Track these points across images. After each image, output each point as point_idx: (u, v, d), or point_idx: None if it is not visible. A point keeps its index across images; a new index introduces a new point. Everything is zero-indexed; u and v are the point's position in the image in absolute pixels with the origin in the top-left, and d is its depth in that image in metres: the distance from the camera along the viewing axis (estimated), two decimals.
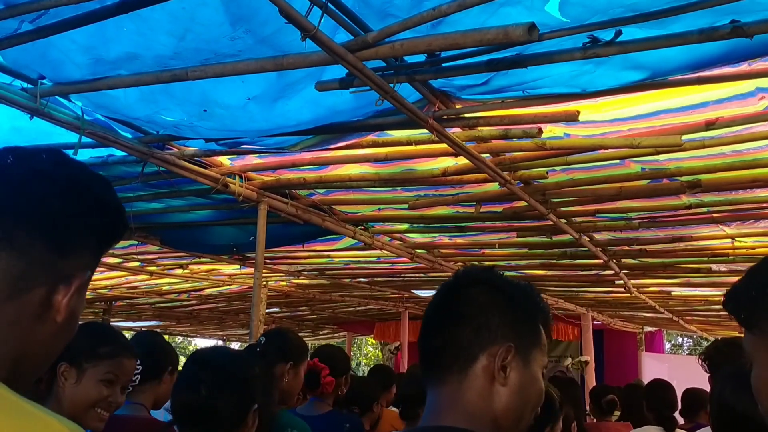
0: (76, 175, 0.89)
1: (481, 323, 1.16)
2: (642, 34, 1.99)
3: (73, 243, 0.86)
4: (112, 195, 0.93)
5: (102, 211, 0.90)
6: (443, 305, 1.23)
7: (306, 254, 5.89)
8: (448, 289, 1.25)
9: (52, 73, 2.44)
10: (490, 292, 1.20)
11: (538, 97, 2.40)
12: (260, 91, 2.40)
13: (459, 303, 1.20)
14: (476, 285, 1.22)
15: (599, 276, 6.34)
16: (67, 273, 0.85)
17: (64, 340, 0.89)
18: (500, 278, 1.24)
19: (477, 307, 1.18)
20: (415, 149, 3.04)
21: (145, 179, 3.45)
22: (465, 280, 1.24)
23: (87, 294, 0.90)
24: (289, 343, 2.71)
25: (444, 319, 1.20)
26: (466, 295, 1.20)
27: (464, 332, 1.16)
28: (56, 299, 0.84)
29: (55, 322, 0.85)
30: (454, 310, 1.20)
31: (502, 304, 1.18)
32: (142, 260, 6.18)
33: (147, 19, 2.01)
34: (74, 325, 0.89)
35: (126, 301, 9.19)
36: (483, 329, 1.15)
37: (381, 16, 2.00)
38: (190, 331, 14.90)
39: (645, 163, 3.18)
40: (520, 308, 1.20)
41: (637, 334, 11.55)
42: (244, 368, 1.84)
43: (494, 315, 1.17)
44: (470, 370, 1.13)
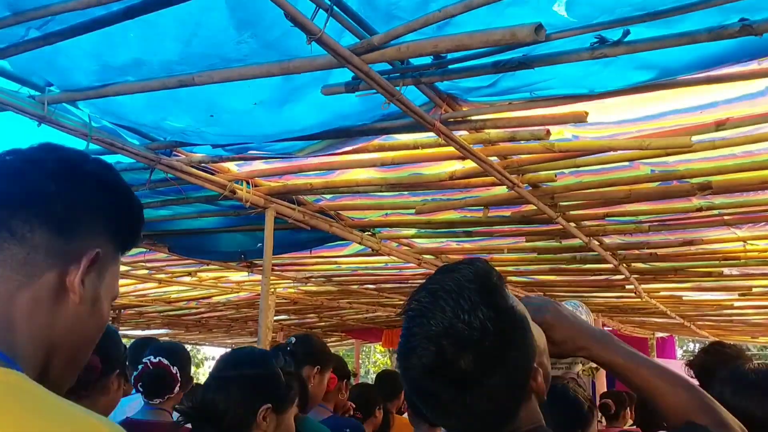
0: (69, 157, 0.89)
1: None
2: (650, 34, 1.97)
3: (75, 224, 0.85)
4: (113, 174, 0.91)
5: (101, 189, 0.89)
6: None
7: (314, 260, 5.88)
8: None
9: (60, 80, 2.45)
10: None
11: (546, 99, 2.38)
12: (266, 95, 2.39)
13: None
14: None
15: (609, 281, 6.30)
16: (76, 254, 0.84)
17: (94, 326, 0.88)
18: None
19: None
20: (422, 153, 3.03)
21: (153, 186, 3.45)
22: None
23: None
24: (318, 348, 2.72)
25: None
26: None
27: None
28: (69, 280, 0.83)
29: (75, 304, 0.84)
30: None
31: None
32: (151, 268, 6.19)
33: (153, 24, 2.01)
34: (101, 308, 0.88)
35: (135, 309, 9.19)
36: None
37: (386, 19, 1.99)
38: (199, 339, 14.90)
39: (655, 165, 3.15)
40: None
41: (648, 340, 11.46)
42: (254, 366, 1.85)
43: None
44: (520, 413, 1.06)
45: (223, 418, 1.75)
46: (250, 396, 1.79)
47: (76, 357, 0.87)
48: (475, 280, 1.02)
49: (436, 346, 0.97)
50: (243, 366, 1.85)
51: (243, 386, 1.79)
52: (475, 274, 1.03)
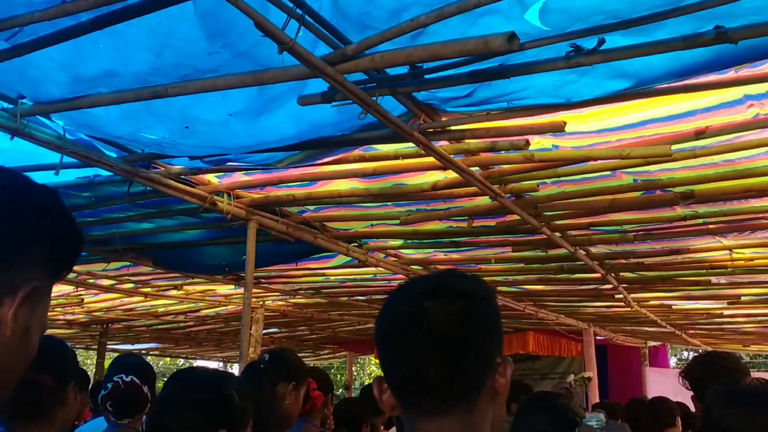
0: (15, 184, 0.85)
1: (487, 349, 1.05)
2: (625, 42, 1.96)
3: (13, 253, 0.82)
4: (57, 203, 0.88)
5: (45, 220, 0.86)
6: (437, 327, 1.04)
7: (301, 273, 5.84)
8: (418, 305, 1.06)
9: (32, 92, 2.41)
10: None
11: (524, 108, 2.37)
12: (242, 106, 2.37)
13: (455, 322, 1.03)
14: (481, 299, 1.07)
15: (599, 290, 6.28)
16: (11, 286, 0.81)
17: (21, 358, 0.85)
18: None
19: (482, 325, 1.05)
20: (403, 163, 3.01)
21: (132, 199, 3.42)
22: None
23: (82, 317, 0.86)
24: (292, 363, 2.65)
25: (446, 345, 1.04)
26: (460, 312, 1.04)
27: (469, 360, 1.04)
28: (2, 313, 0.80)
29: (4, 337, 0.80)
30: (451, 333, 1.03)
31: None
32: (136, 282, 6.13)
33: (123, 34, 1.99)
34: (28, 342, 0.85)
35: (123, 324, 9.12)
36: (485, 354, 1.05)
37: (360, 28, 1.97)
38: (190, 353, 14.78)
39: (636, 174, 3.14)
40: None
41: (640, 349, 11.44)
42: (205, 389, 1.79)
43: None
44: (480, 396, 1.04)
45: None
46: (202, 421, 1.72)
47: (1, 389, 0.84)
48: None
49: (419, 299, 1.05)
50: (194, 389, 1.77)
51: (194, 410, 1.73)
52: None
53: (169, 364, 22.70)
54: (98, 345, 9.46)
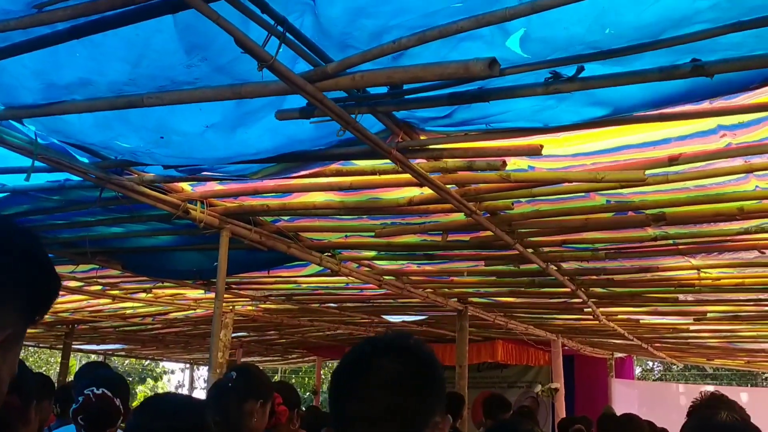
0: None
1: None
2: (604, 71, 1.98)
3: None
4: (38, 250, 0.86)
5: (24, 267, 0.83)
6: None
7: (273, 279, 5.80)
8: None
9: (4, 97, 2.36)
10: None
11: (502, 131, 2.38)
12: (219, 119, 2.34)
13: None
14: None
15: (568, 304, 6.34)
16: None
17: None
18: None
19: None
20: (380, 179, 3.00)
21: (103, 204, 3.36)
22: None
23: (47, 317, 0.84)
24: (260, 380, 2.62)
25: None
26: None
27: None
28: None
29: None
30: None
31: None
32: (105, 284, 6.04)
33: (100, 44, 1.95)
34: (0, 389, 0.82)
35: (89, 325, 8.97)
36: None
37: (341, 48, 1.96)
38: (157, 354, 14.60)
39: (610, 195, 3.17)
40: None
41: (607, 360, 11.57)
42: (186, 419, 1.75)
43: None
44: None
45: None
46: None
47: None
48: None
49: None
50: (170, 417, 1.72)
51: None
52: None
53: (135, 364, 22.40)
54: (63, 345, 9.29)
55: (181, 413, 1.75)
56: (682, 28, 1.76)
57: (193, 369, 16.76)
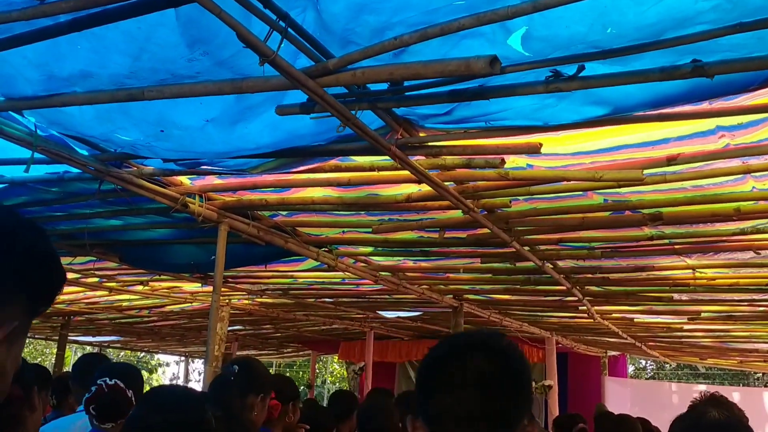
0: (3, 223, 0.83)
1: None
2: (604, 70, 1.98)
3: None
4: (45, 244, 0.87)
5: (31, 261, 0.84)
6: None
7: (269, 274, 5.80)
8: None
9: (3, 88, 2.36)
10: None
11: (501, 129, 2.38)
12: (219, 113, 2.35)
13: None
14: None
15: (563, 302, 6.36)
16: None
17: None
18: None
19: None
20: (379, 175, 3.01)
21: (102, 196, 3.36)
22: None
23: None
24: (260, 375, 2.63)
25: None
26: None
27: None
28: None
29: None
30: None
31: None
32: (101, 276, 6.03)
33: (101, 37, 1.95)
34: (3, 381, 0.84)
35: (85, 316, 8.97)
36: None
37: (342, 44, 1.97)
38: (152, 346, 14.61)
39: (607, 194, 3.18)
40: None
41: (600, 358, 11.61)
42: (184, 412, 1.73)
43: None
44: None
45: None
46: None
47: None
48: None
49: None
50: (172, 411, 1.71)
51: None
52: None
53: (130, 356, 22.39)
54: (59, 337, 9.29)
55: (180, 407, 1.74)
56: (684, 28, 1.77)
57: (188, 362, 16.77)
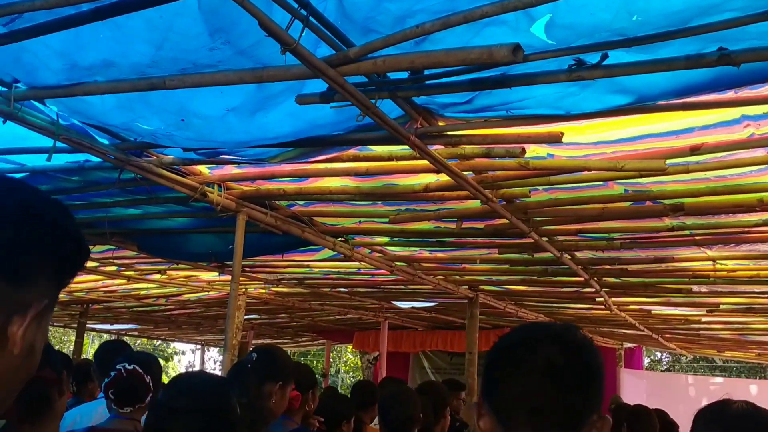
0: (29, 201, 0.83)
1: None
2: (628, 59, 1.96)
3: (27, 272, 0.81)
4: (69, 221, 0.87)
5: (57, 239, 0.84)
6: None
7: (285, 263, 5.82)
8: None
9: (27, 77, 2.38)
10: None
11: (522, 118, 2.37)
12: (239, 102, 2.35)
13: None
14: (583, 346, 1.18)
15: (580, 293, 6.33)
16: (22, 303, 0.80)
17: (24, 375, 0.84)
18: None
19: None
20: (397, 165, 3.00)
21: (122, 185, 3.38)
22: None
23: (62, 296, 0.86)
24: (280, 362, 2.63)
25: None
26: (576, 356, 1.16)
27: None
28: (11, 331, 0.78)
29: (11, 355, 0.79)
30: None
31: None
32: (120, 265, 6.08)
33: (123, 26, 1.96)
34: (33, 360, 0.84)
35: (103, 305, 9.05)
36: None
37: (363, 32, 1.96)
38: (169, 335, 14.72)
39: (628, 185, 3.16)
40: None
41: (616, 350, 11.57)
42: (212, 398, 1.75)
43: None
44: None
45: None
46: (210, 429, 1.70)
47: (1, 405, 0.83)
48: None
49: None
50: (199, 396, 1.74)
51: (199, 418, 1.69)
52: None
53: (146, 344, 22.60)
54: (78, 324, 9.39)
55: (207, 392, 1.77)
56: (710, 16, 1.74)
57: (204, 350, 16.89)
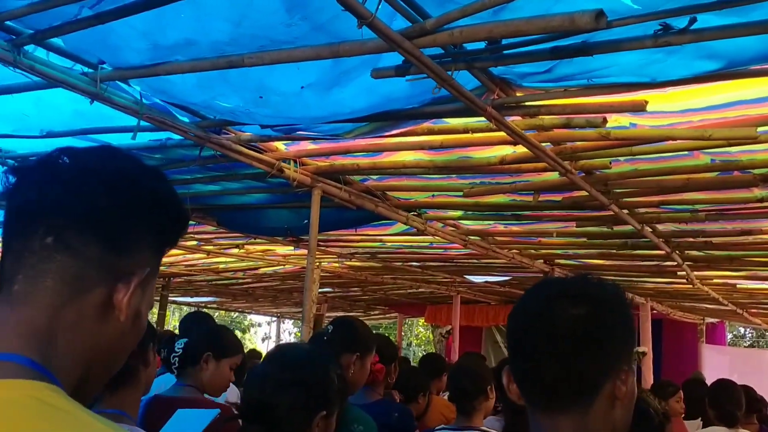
0: (126, 168, 0.85)
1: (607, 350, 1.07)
2: (718, 22, 1.86)
3: (128, 239, 0.83)
4: (167, 188, 0.88)
5: (156, 204, 0.86)
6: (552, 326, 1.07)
7: (358, 237, 5.88)
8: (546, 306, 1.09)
9: (111, 58, 2.45)
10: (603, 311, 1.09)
11: (604, 86, 2.29)
12: (315, 78, 2.36)
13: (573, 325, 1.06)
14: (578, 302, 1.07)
15: (660, 267, 6.15)
16: (125, 271, 0.82)
17: (132, 340, 0.87)
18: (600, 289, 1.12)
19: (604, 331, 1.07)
20: (472, 137, 2.97)
21: (202, 162, 3.47)
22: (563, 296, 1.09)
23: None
24: (357, 334, 2.62)
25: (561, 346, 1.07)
26: (582, 316, 1.06)
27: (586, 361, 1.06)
28: (117, 298, 0.81)
29: (118, 321, 0.82)
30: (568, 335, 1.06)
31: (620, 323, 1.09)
32: (200, 239, 6.28)
33: (204, 5, 2.00)
34: (140, 324, 0.87)
35: (184, 278, 9.39)
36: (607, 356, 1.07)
37: (440, 2, 1.93)
38: (246, 307, 15.17)
39: (715, 154, 3.02)
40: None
41: (697, 325, 11.21)
42: (316, 371, 1.78)
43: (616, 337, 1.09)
44: (596, 398, 1.06)
45: (280, 422, 1.68)
46: (312, 402, 1.72)
47: (111, 370, 0.87)
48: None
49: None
50: (300, 368, 1.77)
51: (306, 392, 1.72)
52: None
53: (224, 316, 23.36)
54: (160, 297, 9.77)
55: (308, 366, 1.79)
56: None
57: (280, 322, 17.32)
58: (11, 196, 0.82)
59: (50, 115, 2.99)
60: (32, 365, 0.74)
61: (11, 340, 0.76)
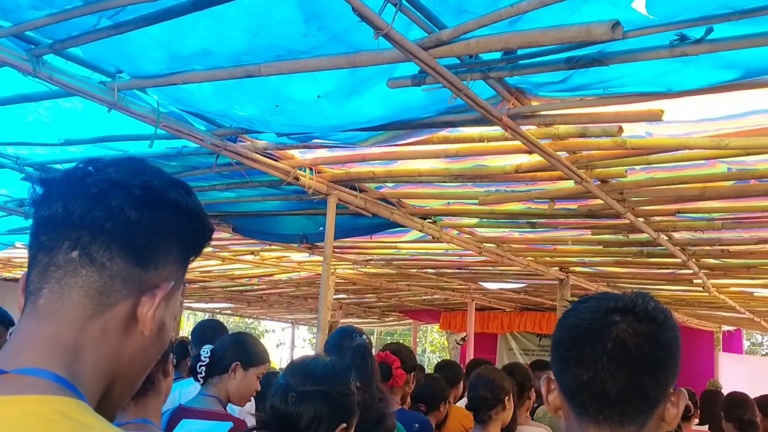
0: (152, 182, 0.84)
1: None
2: (735, 32, 1.86)
3: (153, 253, 0.83)
4: (192, 201, 0.88)
5: (181, 219, 0.86)
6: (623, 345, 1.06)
7: (373, 244, 5.89)
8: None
9: (129, 67, 2.48)
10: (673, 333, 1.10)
11: (620, 96, 2.29)
12: (332, 87, 2.38)
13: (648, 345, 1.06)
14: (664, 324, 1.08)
15: (676, 275, 6.10)
16: (150, 284, 0.82)
17: (155, 353, 0.87)
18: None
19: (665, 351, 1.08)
20: (488, 146, 2.97)
21: (218, 170, 3.50)
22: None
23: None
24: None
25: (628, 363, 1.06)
26: (649, 334, 1.07)
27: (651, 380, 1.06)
28: (141, 312, 0.82)
29: (142, 335, 0.82)
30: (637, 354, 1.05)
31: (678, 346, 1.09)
32: (215, 246, 6.31)
33: (221, 15, 2.01)
34: (164, 337, 0.87)
35: (199, 284, 9.43)
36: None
37: (457, 13, 1.94)
38: (260, 313, 15.21)
39: (732, 163, 3.01)
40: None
41: (714, 333, 11.11)
42: (339, 384, 1.79)
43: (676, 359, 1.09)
44: (650, 418, 1.07)
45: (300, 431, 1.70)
46: (335, 414, 1.74)
47: (136, 383, 0.87)
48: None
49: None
50: (323, 381, 1.78)
51: (328, 404, 1.74)
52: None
53: (239, 322, 23.43)
54: None
55: (330, 378, 1.80)
56: None
57: (294, 328, 17.36)
58: (38, 208, 0.82)
59: (68, 123, 3.03)
60: (58, 380, 0.74)
61: (37, 354, 0.76)
